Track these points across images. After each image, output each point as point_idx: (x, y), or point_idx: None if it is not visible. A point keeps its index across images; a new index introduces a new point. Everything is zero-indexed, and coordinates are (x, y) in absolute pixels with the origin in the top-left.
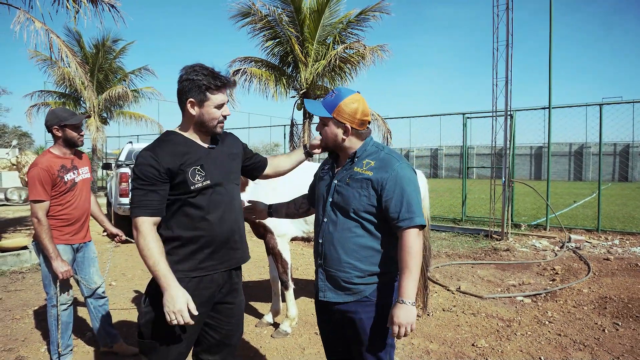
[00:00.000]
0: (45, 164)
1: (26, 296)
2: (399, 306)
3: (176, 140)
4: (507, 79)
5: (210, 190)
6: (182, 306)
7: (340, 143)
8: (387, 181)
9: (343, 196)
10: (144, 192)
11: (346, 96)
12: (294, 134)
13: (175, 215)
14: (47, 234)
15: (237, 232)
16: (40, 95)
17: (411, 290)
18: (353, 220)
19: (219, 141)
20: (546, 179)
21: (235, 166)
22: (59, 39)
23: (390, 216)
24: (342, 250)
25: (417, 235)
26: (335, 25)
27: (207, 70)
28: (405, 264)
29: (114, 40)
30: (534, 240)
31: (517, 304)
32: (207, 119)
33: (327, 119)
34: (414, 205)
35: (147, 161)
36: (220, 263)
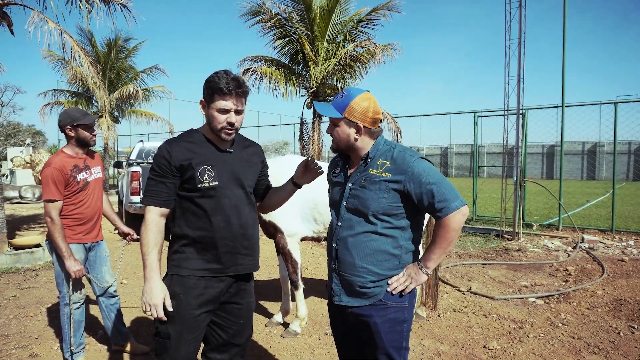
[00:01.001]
0: (58, 163)
1: (39, 294)
2: (415, 267)
3: (194, 139)
4: (520, 77)
5: (217, 192)
6: (158, 300)
7: (352, 143)
8: (409, 180)
9: (360, 199)
10: (155, 182)
11: (356, 95)
12: (304, 132)
13: (185, 213)
14: (60, 233)
15: (245, 239)
16: (53, 94)
17: (432, 262)
18: (369, 224)
19: (240, 148)
20: (558, 178)
21: (250, 174)
22: (71, 39)
23: (426, 210)
24: (357, 254)
25: (458, 217)
26: (346, 23)
27: (227, 76)
28: (436, 240)
29: (126, 40)
30: (546, 241)
31: (529, 305)
32: (211, 122)
33: (338, 119)
34: (445, 192)
35: (162, 153)
36: (226, 267)
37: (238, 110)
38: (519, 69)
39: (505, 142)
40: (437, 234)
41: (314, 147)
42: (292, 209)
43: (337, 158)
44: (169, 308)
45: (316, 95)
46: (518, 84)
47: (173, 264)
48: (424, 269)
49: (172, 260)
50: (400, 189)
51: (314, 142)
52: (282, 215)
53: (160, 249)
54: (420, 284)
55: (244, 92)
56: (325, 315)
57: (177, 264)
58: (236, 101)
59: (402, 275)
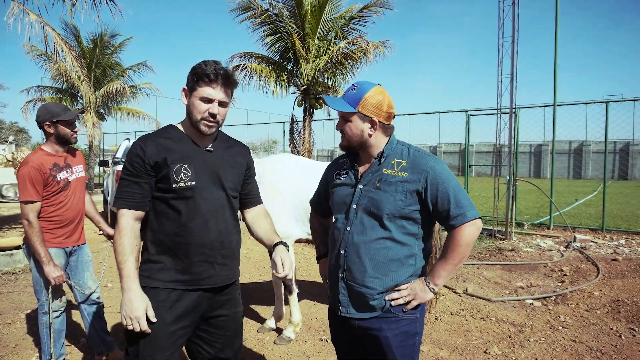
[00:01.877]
0: (36, 162)
1: (18, 298)
2: (422, 283)
3: (171, 134)
4: (513, 75)
5: (194, 194)
6: (140, 312)
7: (366, 140)
8: (427, 181)
9: (374, 201)
10: (128, 183)
11: (370, 88)
12: (294, 131)
13: (159, 216)
14: (38, 236)
15: (224, 247)
16: (36, 90)
17: (441, 278)
18: (384, 229)
19: (223, 147)
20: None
21: (233, 175)
22: (54, 32)
23: (439, 217)
24: (369, 262)
25: (472, 229)
26: (337, 20)
27: (215, 64)
28: (447, 253)
29: (112, 36)
30: (539, 240)
31: (527, 307)
32: (191, 111)
33: (350, 114)
34: (462, 199)
35: (135, 150)
36: (201, 279)
37: (222, 102)
38: (512, 68)
39: (498, 141)
40: (448, 247)
41: (305, 146)
42: (285, 210)
43: (340, 158)
44: (152, 319)
45: (307, 93)
46: (511, 82)
47: (143, 275)
48: (431, 286)
49: (142, 271)
50: (417, 190)
51: (304, 140)
52: (275, 216)
53: (138, 256)
54: (424, 302)
55: (231, 82)
56: (319, 320)
57: (148, 274)
58: (222, 91)
59: (406, 288)
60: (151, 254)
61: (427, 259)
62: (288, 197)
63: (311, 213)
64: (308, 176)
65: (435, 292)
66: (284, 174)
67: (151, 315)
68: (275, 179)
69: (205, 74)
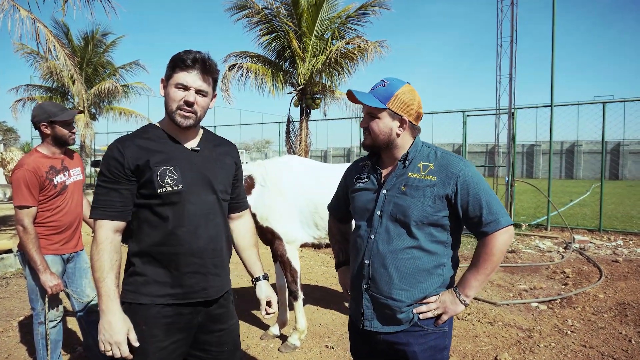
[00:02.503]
0: (32, 165)
1: (10, 305)
2: (452, 295)
3: (151, 134)
4: (511, 75)
5: (182, 199)
6: (120, 337)
7: (393, 139)
8: (457, 185)
9: (400, 207)
10: (106, 191)
11: (401, 85)
12: (290, 131)
13: (143, 225)
14: (34, 243)
15: (216, 255)
16: (26, 89)
17: (473, 290)
18: (411, 237)
19: (210, 146)
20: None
21: (223, 176)
22: (46, 29)
23: (470, 223)
24: (396, 274)
25: (506, 237)
26: (334, 19)
27: (196, 52)
28: (478, 262)
29: (104, 34)
30: (537, 241)
31: (533, 310)
32: (166, 100)
33: (379, 110)
34: (494, 205)
35: (112, 154)
36: (193, 292)
37: (201, 90)
38: (511, 68)
39: (497, 141)
40: (479, 256)
41: (302, 146)
42: (290, 213)
43: (360, 161)
44: (135, 343)
45: (304, 93)
46: (510, 82)
47: (129, 289)
48: (462, 298)
49: (127, 285)
50: (446, 195)
51: (301, 140)
52: (280, 220)
53: (118, 273)
54: (455, 315)
55: (211, 67)
56: (324, 326)
57: (134, 289)
58: (200, 78)
59: (435, 301)
60: (136, 267)
61: (456, 268)
62: (293, 200)
63: (329, 218)
64: (314, 178)
65: (467, 305)
66: (290, 176)
67: (133, 339)
68: (280, 181)
69: (182, 59)
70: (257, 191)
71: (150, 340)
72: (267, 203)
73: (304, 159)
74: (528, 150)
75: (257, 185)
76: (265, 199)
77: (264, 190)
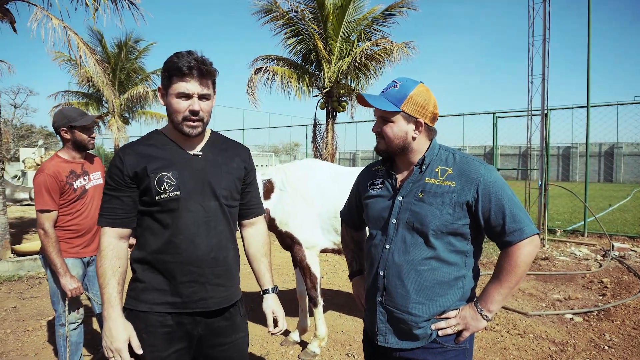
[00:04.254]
0: (52, 169)
1: (41, 304)
2: (472, 310)
3: (154, 141)
4: (544, 75)
5: (180, 205)
6: (120, 344)
7: (409, 143)
8: (478, 192)
9: (417, 215)
10: (109, 198)
11: (414, 86)
12: (317, 134)
13: (144, 232)
14: (54, 247)
15: (217, 264)
16: (63, 95)
17: (495, 304)
18: (429, 247)
19: (216, 150)
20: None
21: (228, 182)
22: (77, 36)
23: (491, 232)
24: (412, 286)
25: (531, 247)
26: (360, 21)
27: (188, 55)
28: (501, 275)
29: (136, 41)
30: (573, 248)
31: (567, 322)
32: (170, 112)
33: (392, 113)
34: (518, 212)
35: (114, 162)
36: (191, 301)
37: (203, 95)
38: (544, 67)
39: (529, 143)
40: (503, 268)
41: (328, 149)
42: (310, 218)
43: (373, 166)
44: (138, 351)
45: (329, 96)
46: (542, 82)
47: (130, 296)
48: (484, 313)
49: (129, 291)
50: (467, 202)
51: (327, 143)
52: (300, 225)
53: (121, 279)
54: (476, 331)
55: (208, 71)
56: (346, 333)
57: (135, 295)
58: (200, 83)
59: (455, 316)
60: (137, 273)
61: (477, 279)
62: (314, 205)
63: (342, 226)
64: (335, 182)
65: (489, 320)
66: (310, 180)
67: (136, 346)
68: (300, 185)
69: (177, 67)
70: (277, 196)
71: (149, 349)
72: (286, 208)
73: (324, 163)
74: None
75: (276, 189)
76: (284, 204)
77: (283, 195)
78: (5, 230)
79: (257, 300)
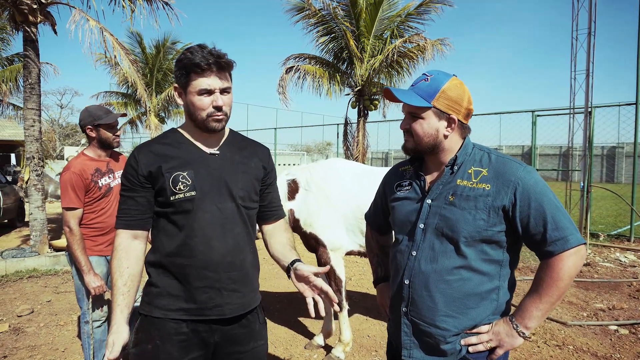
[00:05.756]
0: (78, 167)
1: (74, 299)
2: (507, 325)
3: (170, 139)
4: (589, 71)
5: (195, 206)
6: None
7: (440, 142)
8: (515, 196)
9: (448, 220)
10: (124, 199)
11: (447, 79)
12: (348, 133)
13: (160, 234)
14: (79, 244)
15: (234, 269)
16: (104, 96)
17: (534, 320)
18: (460, 256)
19: (234, 149)
20: (621, 181)
21: (245, 182)
22: (112, 37)
23: (531, 241)
24: (441, 297)
25: (576, 259)
26: (393, 18)
27: (202, 49)
28: (541, 288)
29: (173, 42)
30: (618, 254)
31: (611, 335)
32: (192, 111)
33: (422, 109)
34: (561, 219)
35: (129, 161)
36: (207, 308)
37: (224, 88)
38: (588, 63)
39: (571, 143)
40: (543, 280)
41: (359, 149)
42: (335, 220)
43: (401, 166)
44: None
45: (361, 94)
46: (587, 78)
47: (145, 300)
48: (520, 329)
49: (145, 295)
50: (503, 207)
51: (358, 142)
52: (324, 226)
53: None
54: (511, 349)
55: (227, 63)
56: (372, 338)
57: (149, 300)
58: (220, 77)
59: (487, 331)
60: (152, 277)
61: (512, 291)
62: (339, 206)
63: (366, 229)
64: (361, 182)
65: (526, 337)
66: (334, 180)
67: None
68: (325, 185)
69: (195, 64)
70: (301, 196)
71: (164, 357)
72: (311, 208)
73: (351, 162)
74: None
75: (301, 189)
76: (309, 204)
77: (308, 195)
78: (44, 226)
79: (284, 301)
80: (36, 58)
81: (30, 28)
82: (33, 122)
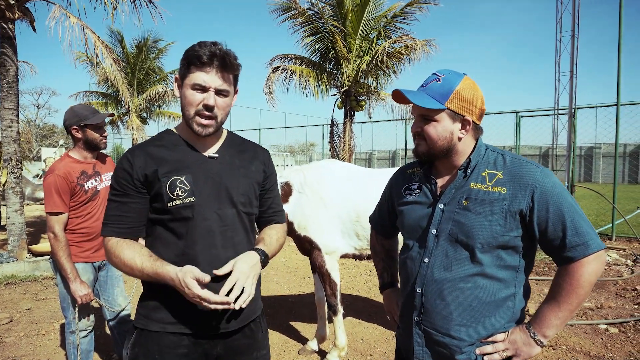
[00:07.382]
0: (62, 170)
1: (56, 306)
2: (524, 334)
3: (165, 141)
4: (572, 73)
5: (195, 213)
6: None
7: (454, 144)
8: (533, 199)
9: (462, 226)
10: (115, 205)
11: (459, 79)
12: (334, 134)
13: (155, 242)
14: (64, 251)
15: None
16: (84, 95)
17: (552, 328)
18: (475, 263)
19: (233, 152)
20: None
21: (246, 187)
22: (94, 35)
23: (549, 246)
24: (456, 306)
25: (597, 265)
26: (379, 19)
27: (212, 45)
28: (560, 295)
29: (155, 40)
30: None
31: (602, 333)
32: (183, 104)
33: (436, 111)
34: (581, 224)
35: (122, 164)
36: (209, 322)
37: (221, 90)
38: (572, 64)
39: (555, 144)
40: (562, 287)
41: (346, 149)
42: (330, 222)
43: (409, 168)
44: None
45: (348, 95)
46: (570, 80)
47: (141, 313)
48: (537, 338)
49: (140, 308)
50: (520, 211)
51: (345, 143)
52: (319, 229)
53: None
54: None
55: (231, 63)
56: (365, 342)
57: (146, 313)
58: (219, 76)
59: (503, 340)
60: (148, 288)
61: (527, 298)
62: (334, 208)
63: (371, 232)
64: (356, 185)
65: (543, 346)
66: (330, 182)
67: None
68: (319, 187)
69: (197, 55)
70: (295, 199)
71: None
72: (305, 211)
73: (345, 164)
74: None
75: (294, 192)
76: (303, 207)
77: (302, 198)
78: (22, 231)
79: (275, 305)
80: (14, 56)
81: (7, 25)
82: (11, 122)
